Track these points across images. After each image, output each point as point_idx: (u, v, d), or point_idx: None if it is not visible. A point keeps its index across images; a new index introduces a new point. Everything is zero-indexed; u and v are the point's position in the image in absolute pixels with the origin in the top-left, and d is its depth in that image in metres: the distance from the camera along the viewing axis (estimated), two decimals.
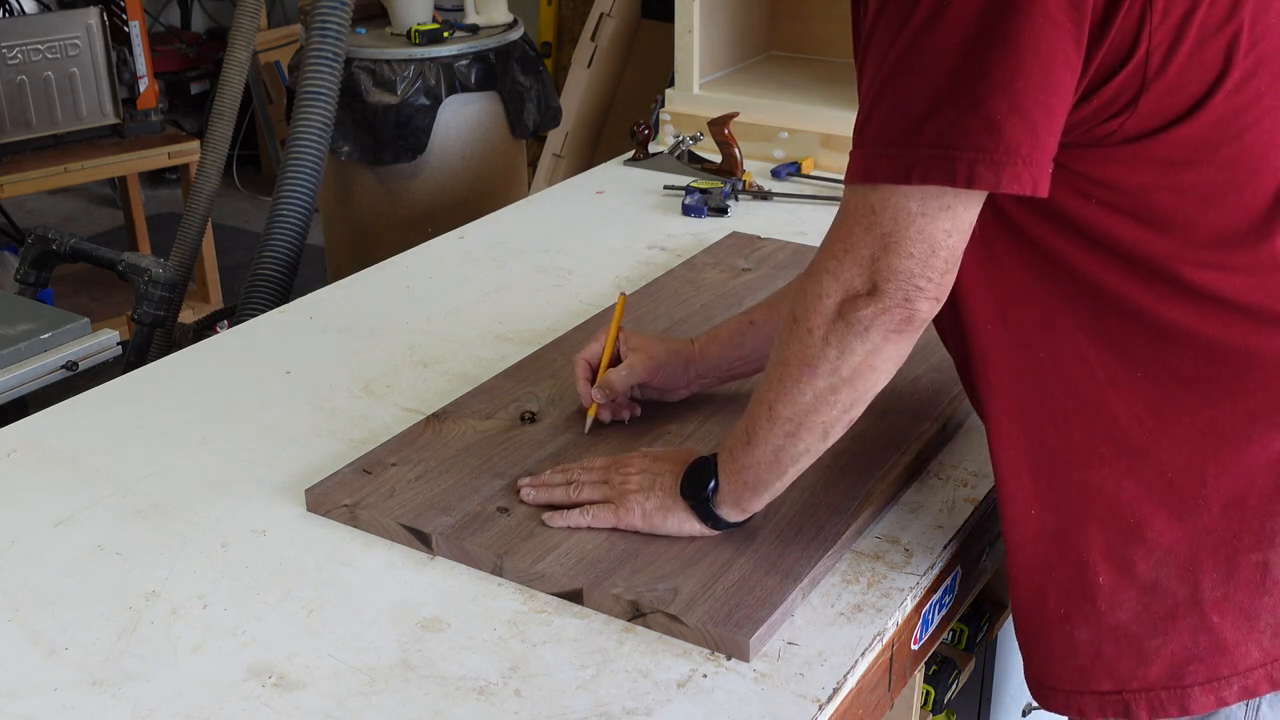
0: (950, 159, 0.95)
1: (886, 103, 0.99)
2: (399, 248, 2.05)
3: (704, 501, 1.20)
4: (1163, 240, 1.04)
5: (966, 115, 0.95)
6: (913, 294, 1.02)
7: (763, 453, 1.14)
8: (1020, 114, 0.94)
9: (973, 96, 0.94)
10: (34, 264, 2.57)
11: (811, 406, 1.09)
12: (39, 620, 1.17)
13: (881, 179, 0.99)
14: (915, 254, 1.00)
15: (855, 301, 1.03)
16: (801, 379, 1.08)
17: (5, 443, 1.48)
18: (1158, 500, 1.09)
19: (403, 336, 1.72)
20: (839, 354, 1.06)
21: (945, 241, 1.00)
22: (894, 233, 1.00)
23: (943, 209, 0.99)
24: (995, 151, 0.95)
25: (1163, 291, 1.05)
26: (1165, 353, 1.07)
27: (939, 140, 0.96)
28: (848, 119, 2.34)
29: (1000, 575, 1.58)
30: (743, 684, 1.08)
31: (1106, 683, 1.13)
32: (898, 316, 1.03)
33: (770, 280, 1.82)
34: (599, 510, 1.24)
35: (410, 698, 1.07)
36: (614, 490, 1.25)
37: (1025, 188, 0.96)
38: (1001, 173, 0.95)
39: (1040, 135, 0.96)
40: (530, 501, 1.28)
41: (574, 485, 1.27)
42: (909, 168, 0.97)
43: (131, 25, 3.97)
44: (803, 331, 1.07)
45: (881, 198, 1.00)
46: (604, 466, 1.29)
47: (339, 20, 2.44)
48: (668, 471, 1.24)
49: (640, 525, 1.23)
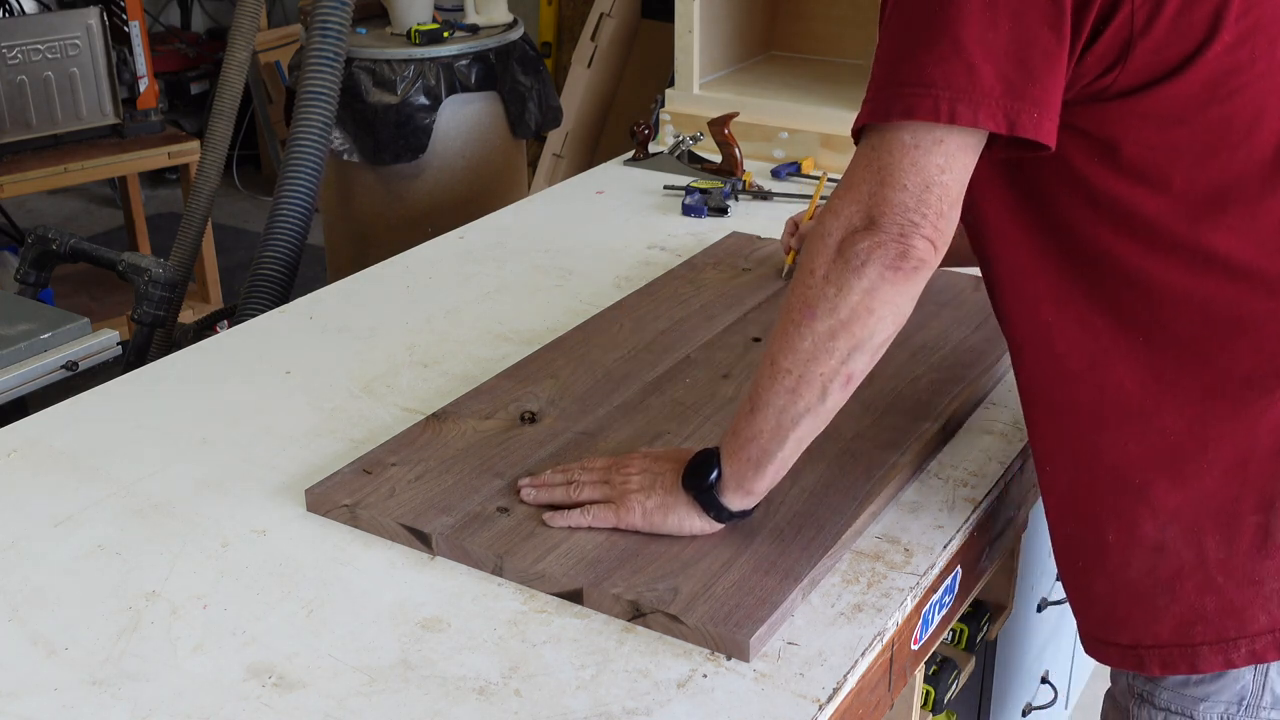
0: (933, 97, 1.02)
1: (882, 50, 1.07)
2: (399, 248, 2.05)
3: (707, 490, 1.20)
4: (1159, 199, 1.07)
5: (948, 58, 1.02)
6: (908, 229, 1.05)
7: (765, 418, 1.15)
8: (994, 61, 1.01)
9: (953, 41, 1.01)
10: (34, 264, 2.57)
11: (811, 354, 1.10)
12: (39, 620, 1.17)
13: (874, 119, 1.05)
14: (909, 186, 1.04)
15: (853, 236, 1.07)
16: (802, 323, 1.10)
17: (5, 443, 1.48)
18: (1162, 464, 1.12)
19: (403, 336, 1.72)
20: (836, 291, 1.08)
21: (939, 178, 1.04)
22: (889, 165, 1.05)
23: (935, 142, 1.04)
24: (973, 91, 1.01)
25: (1160, 253, 1.09)
26: (1164, 315, 1.10)
27: (920, 78, 1.02)
28: (848, 119, 2.33)
29: (1001, 575, 1.58)
30: (743, 684, 1.08)
31: (1124, 636, 1.17)
32: (893, 251, 1.05)
33: (770, 280, 1.82)
34: (599, 510, 1.24)
35: (410, 698, 1.07)
36: (614, 490, 1.25)
37: (1001, 126, 1.02)
38: (979, 111, 1.02)
39: (1015, 83, 1.02)
40: (531, 501, 1.28)
41: (574, 485, 1.27)
42: (893, 105, 1.03)
43: (131, 25, 3.97)
44: (805, 274, 1.10)
45: (879, 135, 1.05)
46: (604, 466, 1.29)
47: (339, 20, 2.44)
48: (668, 470, 1.25)
49: (640, 525, 1.23)
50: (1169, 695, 1.19)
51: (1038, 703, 1.92)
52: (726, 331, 1.67)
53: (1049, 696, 1.95)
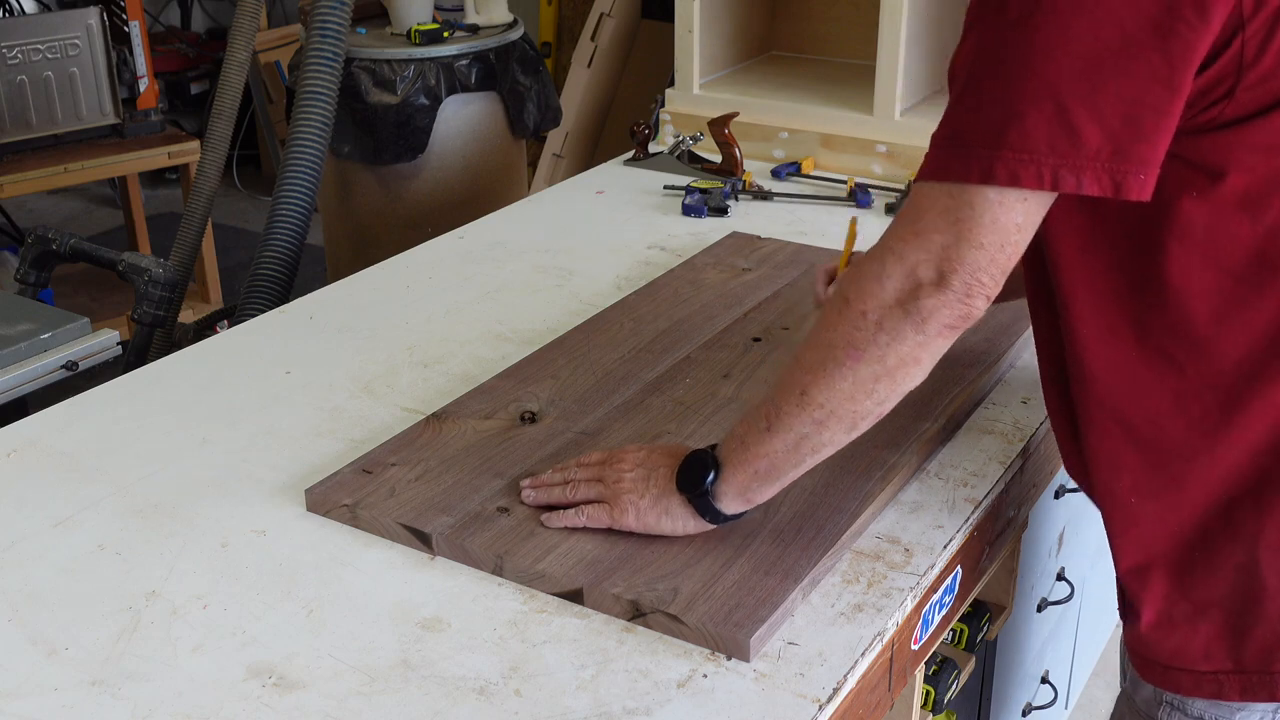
0: (1037, 163, 0.97)
1: (971, 101, 1.01)
2: (399, 248, 2.05)
3: (702, 495, 1.19)
4: (1257, 227, 1.03)
5: (1051, 122, 0.96)
6: (974, 288, 1.02)
7: (783, 440, 1.13)
8: (1100, 123, 0.96)
9: (1057, 104, 0.96)
10: (34, 264, 2.57)
11: (848, 394, 1.09)
12: (39, 620, 1.17)
13: (960, 177, 1.00)
14: (986, 245, 1.01)
15: (919, 290, 1.03)
16: (845, 362, 1.08)
17: (5, 443, 1.48)
18: (1247, 488, 1.10)
19: (403, 336, 1.72)
20: (889, 340, 1.05)
21: (1014, 236, 1.01)
22: (969, 221, 1.01)
23: (1019, 200, 1.00)
24: (1077, 156, 0.97)
25: (1247, 280, 1.05)
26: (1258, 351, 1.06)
27: (1024, 144, 0.97)
28: (848, 119, 2.36)
29: (1001, 575, 1.58)
30: (743, 684, 1.08)
31: (1203, 663, 1.15)
32: (957, 311, 1.03)
33: (770, 280, 1.82)
34: (594, 510, 1.23)
35: (410, 698, 1.07)
36: (608, 489, 1.24)
37: (1106, 189, 0.98)
38: (1083, 177, 0.97)
39: (1122, 144, 0.97)
40: (530, 503, 1.28)
41: (571, 485, 1.27)
42: (993, 169, 0.98)
43: (131, 25, 3.97)
44: (855, 314, 1.07)
45: (961, 188, 1.01)
46: (599, 463, 1.28)
47: (339, 20, 2.44)
48: (662, 466, 1.23)
49: (634, 525, 1.22)
50: (1203, 705, 1.17)
51: (1038, 703, 1.92)
52: (726, 331, 1.67)
53: (1049, 696, 1.95)
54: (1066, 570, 1.84)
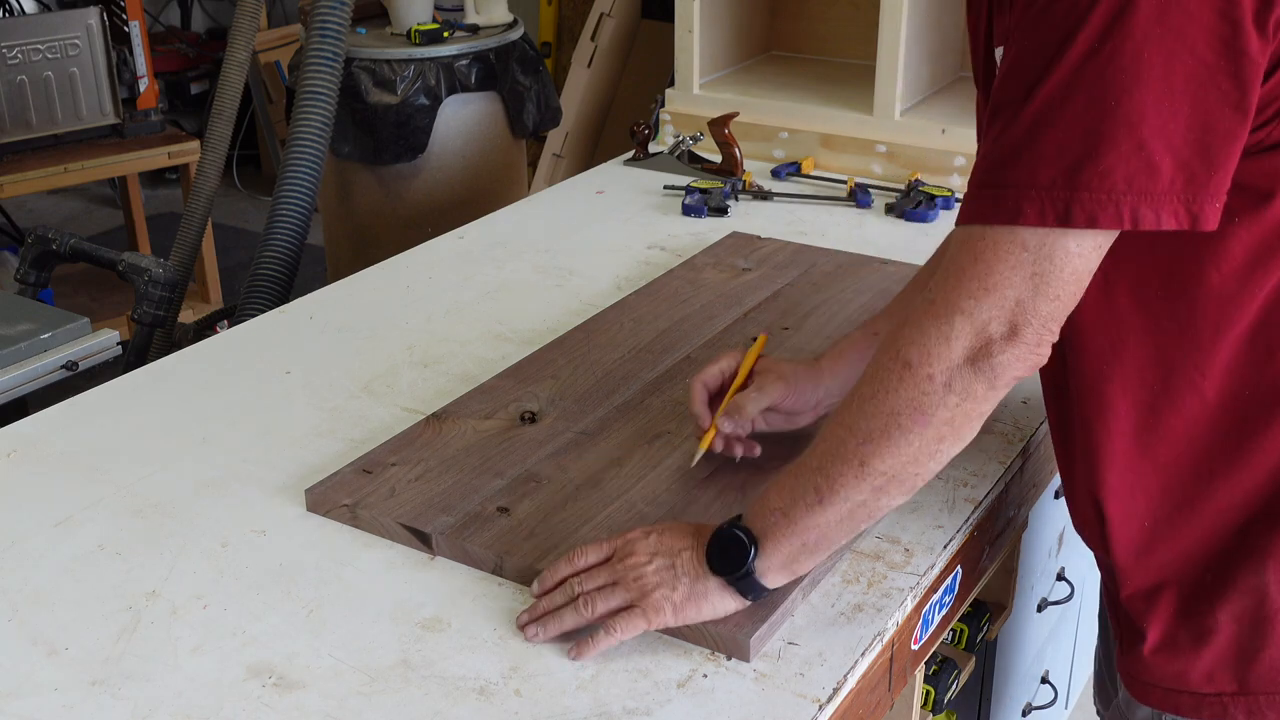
0: (1115, 203, 0.93)
1: (1039, 140, 0.95)
2: (399, 248, 2.05)
3: (746, 575, 1.09)
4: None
5: (1130, 159, 0.92)
6: (1045, 337, 0.98)
7: (838, 511, 1.07)
8: (1174, 153, 0.92)
9: (1135, 140, 0.92)
10: (34, 264, 2.57)
11: (912, 458, 1.03)
12: (39, 620, 1.17)
13: (1036, 221, 0.95)
14: (1063, 296, 0.97)
15: (990, 346, 0.99)
16: (911, 429, 1.02)
17: (5, 443, 1.48)
18: (1262, 509, 1.08)
19: (403, 336, 1.72)
20: (960, 400, 1.00)
21: (1086, 280, 0.98)
22: (1048, 273, 0.96)
23: (1095, 249, 0.97)
24: (1155, 192, 0.93)
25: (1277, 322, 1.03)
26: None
27: (1103, 184, 0.93)
28: (847, 119, 2.36)
29: (1001, 575, 1.58)
30: (743, 684, 1.08)
31: (1206, 685, 1.13)
32: (1029, 362, 0.99)
33: (770, 280, 1.82)
34: (625, 620, 1.10)
35: (410, 698, 1.07)
36: (631, 590, 1.11)
37: (1184, 223, 0.94)
38: (1161, 211, 0.94)
39: (1196, 173, 0.93)
40: (541, 640, 1.13)
41: (582, 601, 1.12)
42: (1069, 211, 0.94)
43: (131, 25, 3.97)
44: (921, 378, 1.01)
45: (1037, 237, 0.96)
46: (604, 565, 1.14)
47: (339, 20, 2.44)
48: (683, 549, 1.12)
49: (673, 622, 1.10)
50: None
51: (1038, 703, 1.92)
52: (726, 331, 1.67)
53: (1049, 696, 1.95)
54: (1066, 570, 1.84)
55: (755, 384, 1.34)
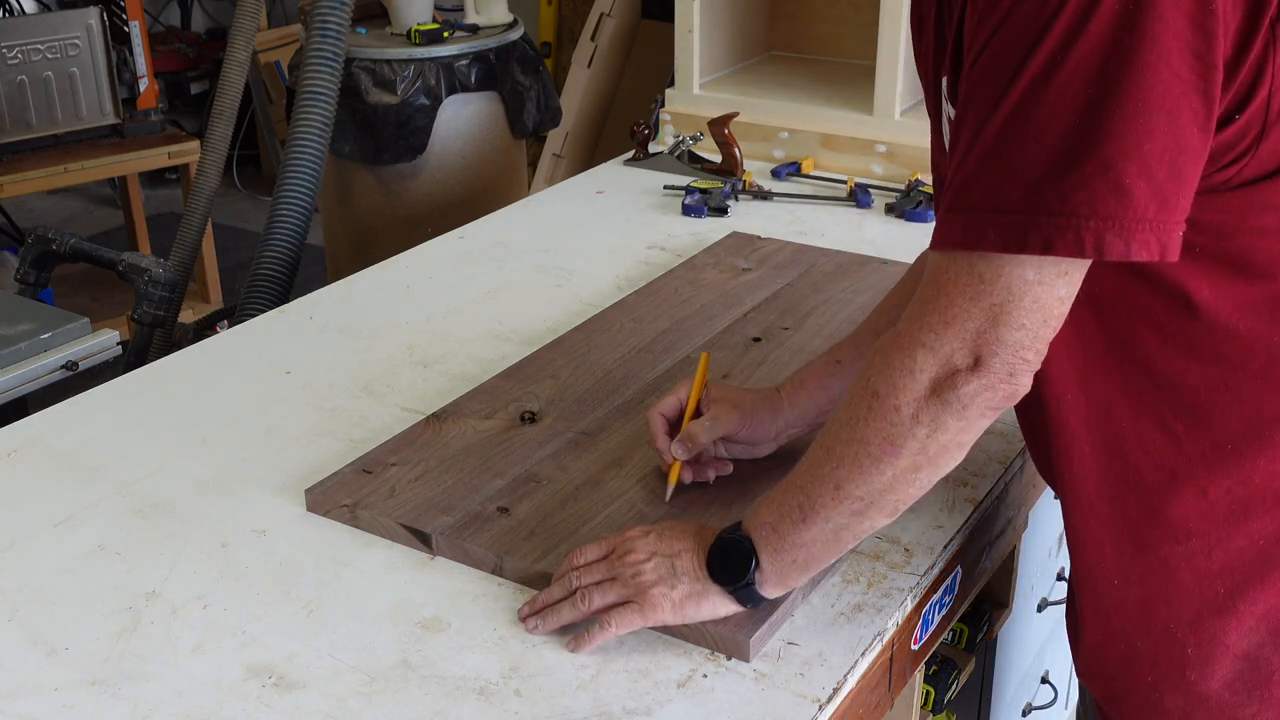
0: (1076, 228, 0.87)
1: (998, 161, 0.90)
2: (399, 248, 2.05)
3: (747, 585, 1.09)
4: (1257, 288, 0.98)
5: (1094, 179, 0.86)
6: (1018, 367, 0.94)
7: (820, 531, 1.06)
8: (1148, 176, 0.86)
9: (1099, 159, 0.86)
10: (34, 264, 2.57)
11: (889, 486, 1.01)
12: (39, 620, 1.17)
13: (993, 247, 0.90)
14: (1028, 325, 0.93)
15: (955, 377, 0.95)
16: (883, 459, 1.00)
17: (5, 443, 1.48)
18: (1248, 569, 1.04)
19: (403, 336, 1.72)
20: (929, 433, 0.98)
21: (1057, 310, 0.93)
22: (1006, 304, 0.92)
23: (1060, 275, 0.91)
24: (1124, 218, 0.87)
25: (1247, 349, 0.99)
26: (1257, 420, 1.01)
27: (1063, 207, 0.87)
28: (847, 119, 2.36)
29: (1001, 575, 1.58)
30: (743, 684, 1.08)
31: None
32: (1001, 393, 0.96)
33: (770, 280, 1.82)
34: (621, 615, 1.10)
35: (410, 698, 1.07)
36: (628, 586, 1.11)
37: (1154, 253, 0.88)
38: (1131, 240, 0.87)
39: (1168, 197, 0.87)
40: (539, 633, 1.14)
41: (579, 595, 1.12)
42: (1026, 236, 0.88)
43: (131, 25, 3.97)
44: (887, 409, 0.99)
45: (992, 267, 0.91)
46: (603, 561, 1.14)
47: (339, 20, 2.44)
48: (683, 551, 1.12)
49: (671, 619, 1.10)
50: None
51: (1038, 703, 1.91)
52: (726, 331, 1.67)
53: (1049, 696, 1.95)
54: (1066, 570, 1.84)
55: (710, 413, 1.31)
